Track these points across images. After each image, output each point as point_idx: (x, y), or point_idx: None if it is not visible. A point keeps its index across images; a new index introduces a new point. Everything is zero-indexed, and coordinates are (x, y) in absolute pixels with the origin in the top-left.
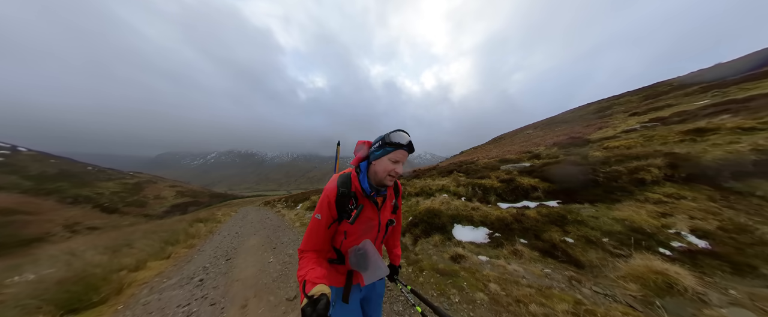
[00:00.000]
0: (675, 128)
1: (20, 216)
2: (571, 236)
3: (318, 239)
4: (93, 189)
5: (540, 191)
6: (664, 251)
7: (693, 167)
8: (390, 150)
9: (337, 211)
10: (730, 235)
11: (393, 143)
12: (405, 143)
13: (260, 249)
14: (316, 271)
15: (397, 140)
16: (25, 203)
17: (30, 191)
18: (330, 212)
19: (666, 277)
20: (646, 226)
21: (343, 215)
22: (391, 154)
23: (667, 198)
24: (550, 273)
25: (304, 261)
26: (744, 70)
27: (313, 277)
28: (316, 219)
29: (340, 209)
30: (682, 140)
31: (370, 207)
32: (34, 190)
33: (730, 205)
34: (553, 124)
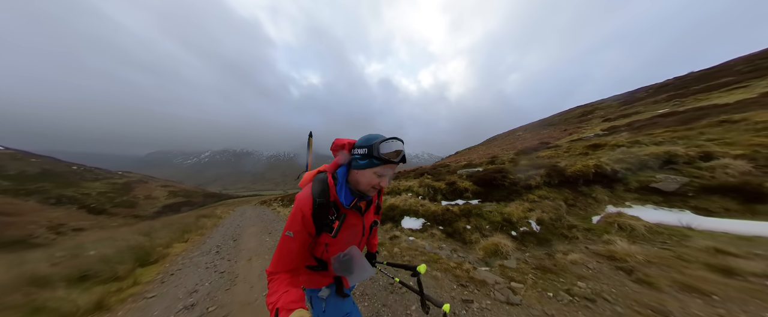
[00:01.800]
0: (602, 139)
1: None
2: (470, 224)
3: (291, 258)
4: (78, 189)
5: (470, 192)
6: (514, 232)
7: (561, 176)
8: (377, 164)
9: (314, 226)
10: (553, 222)
11: (382, 158)
12: (397, 160)
13: (259, 234)
14: (290, 294)
15: (387, 152)
16: (4, 204)
17: (9, 191)
18: (305, 228)
19: (497, 246)
20: (515, 217)
21: (322, 229)
22: (378, 168)
23: (538, 198)
24: (444, 246)
25: (275, 285)
26: (707, 79)
27: (287, 303)
28: (288, 237)
29: (318, 223)
30: (582, 153)
31: (353, 215)
32: (13, 191)
33: (572, 202)
34: (541, 126)
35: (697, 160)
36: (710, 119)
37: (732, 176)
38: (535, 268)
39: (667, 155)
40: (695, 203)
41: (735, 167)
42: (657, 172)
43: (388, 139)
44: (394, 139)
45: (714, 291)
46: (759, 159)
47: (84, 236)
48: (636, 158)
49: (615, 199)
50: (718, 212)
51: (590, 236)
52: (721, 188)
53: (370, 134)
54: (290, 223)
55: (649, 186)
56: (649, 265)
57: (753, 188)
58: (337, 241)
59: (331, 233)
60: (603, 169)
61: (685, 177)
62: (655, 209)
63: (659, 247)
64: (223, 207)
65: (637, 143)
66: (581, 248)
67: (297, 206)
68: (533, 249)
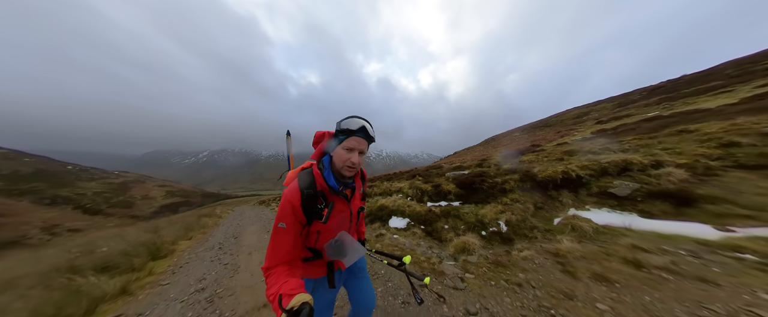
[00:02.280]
0: (579, 144)
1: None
2: (448, 225)
3: (286, 250)
4: (73, 190)
5: (453, 194)
6: (483, 232)
7: (533, 181)
8: (343, 138)
9: (304, 215)
10: (518, 223)
11: (344, 130)
12: (356, 129)
13: (258, 231)
14: (291, 283)
15: (347, 125)
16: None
17: (1, 191)
18: (296, 219)
19: (466, 244)
20: (487, 219)
21: (313, 217)
22: (344, 142)
23: (511, 201)
24: (422, 244)
25: (273, 278)
26: (697, 82)
27: (289, 289)
28: (281, 229)
29: (307, 212)
30: (558, 159)
31: (340, 201)
32: (5, 191)
33: (541, 206)
34: (537, 127)
35: (648, 168)
36: (671, 129)
37: (672, 183)
38: (491, 263)
39: (624, 163)
40: (642, 206)
41: (676, 175)
42: (615, 178)
43: (350, 116)
44: (356, 117)
45: (618, 280)
46: (697, 168)
47: (92, 234)
48: (598, 165)
49: (578, 203)
50: (657, 215)
51: (548, 236)
52: (662, 194)
53: None
54: (281, 215)
55: (607, 191)
56: (581, 260)
57: (685, 194)
58: (328, 228)
59: (322, 219)
60: (569, 175)
61: (637, 183)
62: (608, 212)
63: (596, 245)
64: (222, 207)
65: (606, 149)
66: (536, 246)
67: (285, 199)
68: (497, 247)
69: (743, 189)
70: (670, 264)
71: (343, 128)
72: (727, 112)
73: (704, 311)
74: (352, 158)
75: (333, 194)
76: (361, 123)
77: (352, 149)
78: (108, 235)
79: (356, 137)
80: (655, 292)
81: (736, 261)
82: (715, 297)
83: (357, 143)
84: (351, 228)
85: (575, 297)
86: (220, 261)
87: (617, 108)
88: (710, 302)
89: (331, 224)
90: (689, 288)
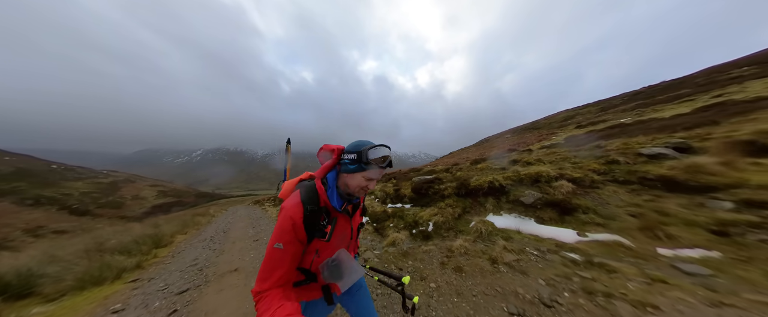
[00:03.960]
0: (521, 155)
1: None
2: (392, 223)
3: (282, 272)
4: (58, 189)
5: (407, 198)
6: (414, 230)
7: (466, 188)
8: (365, 168)
9: (305, 233)
10: (442, 224)
11: (370, 162)
12: (384, 165)
13: (245, 228)
14: (286, 308)
15: (375, 157)
16: None
17: None
18: (297, 237)
19: (396, 240)
20: (422, 220)
21: (314, 235)
22: (367, 172)
23: (445, 206)
24: (368, 237)
25: (265, 303)
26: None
27: (285, 316)
28: (278, 250)
29: (309, 230)
30: (502, 167)
31: (343, 218)
32: None
33: (468, 210)
34: (528, 129)
35: (553, 179)
36: (591, 144)
37: (561, 194)
38: (400, 253)
39: (537, 174)
40: (539, 213)
41: (565, 187)
42: (527, 188)
43: (377, 146)
44: (382, 146)
45: (469, 271)
46: (585, 181)
47: (101, 230)
48: (518, 175)
49: (496, 208)
50: (547, 221)
51: (460, 235)
52: (553, 203)
53: (359, 140)
54: (279, 234)
55: (519, 199)
56: (462, 255)
57: (567, 204)
58: (329, 246)
59: (325, 238)
60: (494, 184)
61: (540, 193)
62: (515, 217)
63: (484, 244)
64: (216, 207)
65: (539, 161)
66: (440, 243)
67: (286, 215)
68: (417, 243)
69: (610, 201)
70: (513, 261)
71: (371, 160)
72: (669, 124)
73: (494, 291)
74: (370, 185)
75: (336, 211)
76: (389, 156)
77: (372, 179)
78: (114, 231)
79: (380, 169)
80: (481, 280)
81: (561, 259)
82: (514, 282)
83: (379, 174)
84: (350, 246)
85: (426, 278)
86: (209, 248)
87: (599, 112)
88: (506, 286)
89: (333, 242)
90: (506, 278)
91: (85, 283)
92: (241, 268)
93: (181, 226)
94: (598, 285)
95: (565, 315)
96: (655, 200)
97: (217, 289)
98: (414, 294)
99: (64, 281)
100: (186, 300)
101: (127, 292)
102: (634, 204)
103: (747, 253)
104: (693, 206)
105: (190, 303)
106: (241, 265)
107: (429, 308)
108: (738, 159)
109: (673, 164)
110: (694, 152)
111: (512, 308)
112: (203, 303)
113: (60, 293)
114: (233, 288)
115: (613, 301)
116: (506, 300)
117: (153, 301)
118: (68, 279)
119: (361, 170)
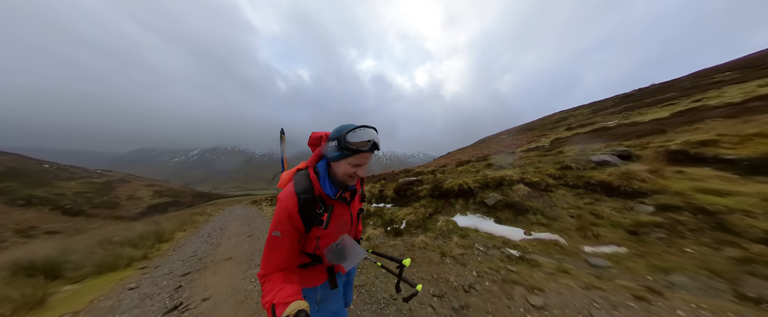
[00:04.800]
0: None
1: None
2: (371, 221)
3: (282, 258)
4: (51, 189)
5: (389, 198)
6: (389, 228)
7: (439, 190)
8: (349, 155)
9: (302, 222)
10: (413, 223)
11: (351, 148)
12: (368, 148)
13: (241, 226)
14: (286, 290)
15: (357, 141)
16: None
17: None
18: (293, 226)
19: (372, 235)
20: (398, 218)
21: (312, 223)
22: (351, 158)
23: (420, 206)
24: None
25: (268, 285)
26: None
27: (283, 298)
28: (276, 238)
29: (306, 219)
30: (476, 170)
31: (340, 206)
32: None
33: (440, 210)
34: (523, 130)
35: (514, 183)
36: (554, 149)
37: (517, 197)
38: (371, 247)
39: (501, 178)
40: (498, 214)
41: (522, 190)
42: (491, 191)
43: (358, 128)
44: (364, 127)
45: (421, 261)
46: (541, 185)
47: (105, 229)
48: (485, 179)
49: (464, 209)
50: (503, 221)
51: (426, 233)
52: (510, 204)
53: (342, 124)
54: (276, 223)
55: (483, 201)
56: (422, 249)
57: (521, 206)
58: (328, 233)
59: (322, 225)
60: (463, 187)
61: (501, 196)
62: (477, 217)
63: (440, 240)
64: (213, 207)
65: (510, 164)
66: (406, 239)
67: (281, 205)
68: (389, 239)
69: (557, 204)
70: (459, 255)
71: (351, 145)
72: (632, 131)
73: (430, 277)
74: (359, 171)
75: (332, 199)
76: (373, 139)
77: (360, 165)
78: (116, 229)
79: (366, 153)
80: (426, 268)
81: (501, 254)
82: (451, 272)
83: (365, 159)
84: (352, 232)
85: None
86: (207, 242)
87: (591, 114)
88: (443, 274)
89: (332, 229)
90: (447, 268)
91: (102, 269)
92: (234, 257)
93: (180, 224)
94: (516, 276)
95: (474, 297)
96: (593, 203)
97: (213, 272)
98: (416, 282)
99: (84, 267)
100: (188, 280)
101: (138, 276)
102: (576, 207)
103: (644, 249)
104: (623, 209)
105: (191, 281)
106: (235, 255)
107: (372, 286)
108: (665, 167)
109: (612, 170)
110: (633, 159)
111: (437, 291)
112: (202, 281)
113: (82, 276)
114: (227, 271)
115: (515, 286)
116: (436, 285)
117: (161, 281)
118: (88, 265)
119: (345, 157)
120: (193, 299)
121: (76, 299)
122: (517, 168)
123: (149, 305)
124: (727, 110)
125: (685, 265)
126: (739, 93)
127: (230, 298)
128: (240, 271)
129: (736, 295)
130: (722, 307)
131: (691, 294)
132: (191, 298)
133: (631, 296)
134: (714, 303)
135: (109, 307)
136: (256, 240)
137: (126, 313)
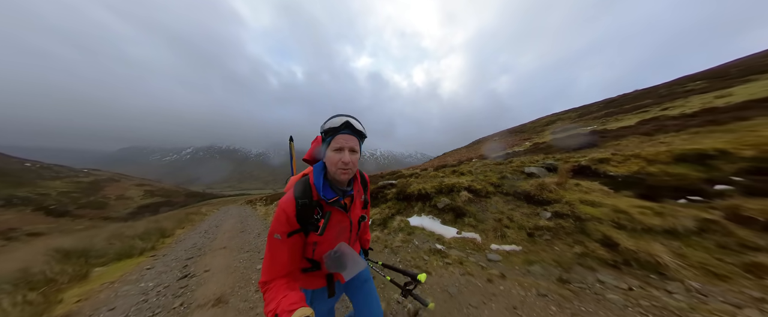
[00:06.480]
0: (462, 166)
1: None
2: None
3: (283, 263)
4: (34, 189)
5: None
6: None
7: (404, 193)
8: (329, 139)
9: (299, 227)
10: (377, 221)
11: (328, 131)
12: (339, 125)
13: (235, 224)
14: (290, 297)
15: (330, 124)
16: None
17: None
18: (291, 229)
19: None
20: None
21: (309, 228)
22: (331, 143)
23: (386, 207)
24: None
25: (271, 293)
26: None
27: (287, 305)
28: (276, 240)
29: (303, 223)
30: (444, 176)
31: (338, 212)
32: None
33: (402, 211)
34: (514, 132)
35: (461, 189)
36: (511, 158)
37: (460, 202)
38: None
39: (452, 185)
40: (444, 216)
41: (464, 196)
42: (443, 196)
43: (333, 116)
44: (339, 114)
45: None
46: (482, 191)
47: (111, 226)
48: (441, 184)
49: (420, 211)
50: (447, 222)
51: (384, 230)
52: (454, 208)
53: None
54: (275, 226)
55: (436, 204)
56: (373, 243)
57: (460, 210)
58: (325, 239)
59: (318, 231)
60: (422, 192)
61: (449, 200)
62: (429, 218)
63: (390, 235)
64: (207, 207)
65: (469, 172)
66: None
67: (280, 209)
68: None
69: (489, 208)
70: (396, 247)
71: (326, 128)
72: (608, 137)
73: None
74: (343, 157)
75: (330, 204)
76: (344, 118)
77: (341, 148)
78: (119, 227)
79: (342, 135)
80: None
81: (428, 248)
82: (381, 258)
83: (344, 140)
84: (351, 239)
85: None
86: (205, 237)
87: (577, 118)
88: (375, 258)
89: (329, 235)
90: (382, 255)
91: (121, 256)
92: (228, 247)
93: (179, 223)
94: (422, 263)
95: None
96: (514, 209)
97: (211, 257)
98: (427, 299)
99: (107, 254)
100: (192, 262)
101: (150, 261)
102: (501, 212)
103: (533, 248)
104: (531, 215)
105: (194, 263)
106: (229, 245)
107: None
108: (568, 180)
109: (534, 181)
110: (555, 171)
111: None
112: (203, 263)
113: (105, 262)
114: (222, 256)
115: (415, 270)
116: None
117: (171, 263)
118: (110, 253)
119: (328, 145)
120: (197, 271)
121: (108, 275)
122: (470, 176)
123: (165, 277)
124: (679, 121)
125: (545, 259)
126: (699, 103)
127: (224, 271)
128: (232, 256)
129: (558, 278)
130: (537, 285)
131: (529, 278)
132: (196, 271)
133: (485, 280)
134: (535, 283)
135: (135, 279)
136: (248, 235)
137: (150, 281)
